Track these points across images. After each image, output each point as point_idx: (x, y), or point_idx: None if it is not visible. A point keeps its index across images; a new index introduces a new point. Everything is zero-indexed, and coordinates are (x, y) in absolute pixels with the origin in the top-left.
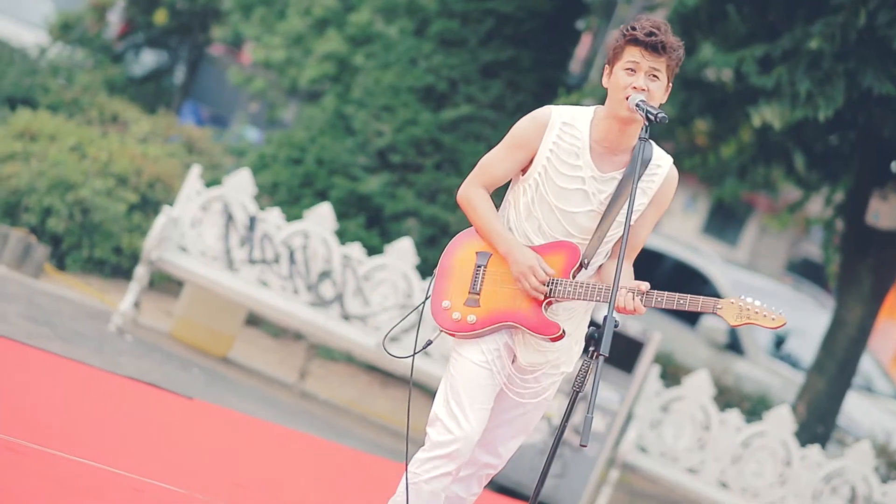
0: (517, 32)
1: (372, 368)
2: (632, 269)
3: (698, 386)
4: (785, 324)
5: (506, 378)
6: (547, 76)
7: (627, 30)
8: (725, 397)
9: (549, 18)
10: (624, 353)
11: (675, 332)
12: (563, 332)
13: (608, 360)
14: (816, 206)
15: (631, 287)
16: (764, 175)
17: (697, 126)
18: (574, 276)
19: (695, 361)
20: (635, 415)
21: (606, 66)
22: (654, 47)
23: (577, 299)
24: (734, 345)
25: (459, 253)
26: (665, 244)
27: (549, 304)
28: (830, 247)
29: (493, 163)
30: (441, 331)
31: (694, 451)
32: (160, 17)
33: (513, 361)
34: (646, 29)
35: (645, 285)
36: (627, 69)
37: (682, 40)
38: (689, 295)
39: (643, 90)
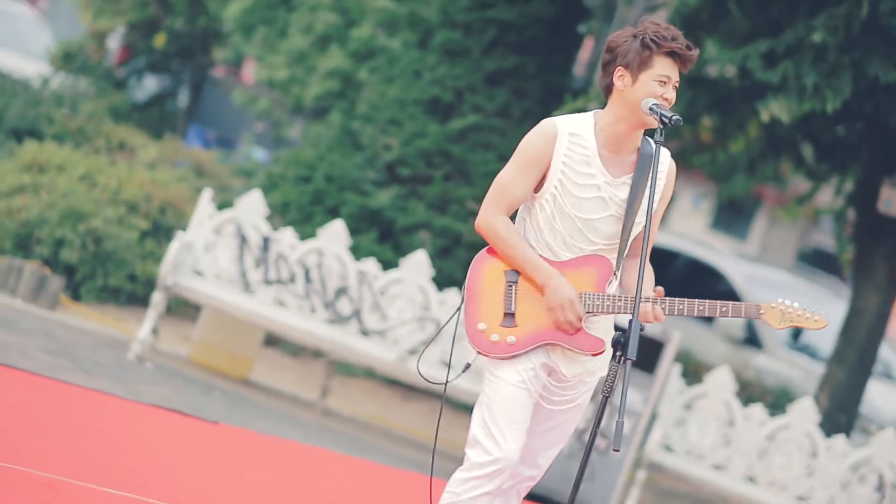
0: (520, 40)
1: (393, 382)
2: (651, 270)
3: (720, 382)
4: (827, 325)
5: (542, 389)
6: (552, 82)
7: (660, 40)
8: (747, 392)
9: (551, 24)
10: (645, 353)
11: (692, 329)
12: (605, 348)
13: (633, 363)
14: (826, 196)
15: (652, 297)
16: (773, 168)
17: (703, 123)
18: (607, 290)
19: (713, 358)
20: (659, 414)
21: (624, 69)
22: (689, 61)
23: (609, 313)
24: (752, 339)
25: (486, 272)
26: (676, 242)
27: (587, 318)
28: (843, 236)
29: (511, 184)
30: (479, 354)
31: (719, 448)
32: (160, 40)
33: (549, 374)
34: (680, 42)
35: (660, 291)
36: (660, 81)
37: (686, 38)
38: (730, 302)
39: (669, 101)
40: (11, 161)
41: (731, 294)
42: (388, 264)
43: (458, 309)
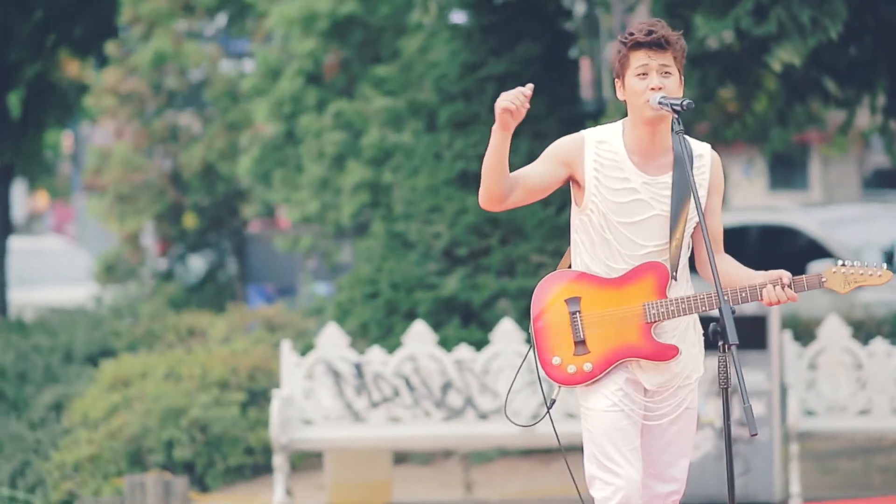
0: (520, 86)
1: (528, 452)
2: (733, 261)
3: (834, 331)
4: (891, 277)
5: (641, 409)
6: (565, 114)
7: (626, 37)
8: (864, 330)
9: (543, 60)
10: (750, 333)
11: None
12: (680, 351)
13: (739, 346)
14: (864, 118)
15: (772, 279)
16: (805, 113)
17: (722, 96)
18: (669, 294)
19: (820, 311)
20: (788, 384)
21: (616, 80)
22: (657, 44)
23: (681, 316)
24: None
25: (547, 306)
26: (739, 217)
27: (655, 327)
28: (894, 148)
29: (527, 167)
30: (560, 388)
31: (857, 394)
32: (189, 221)
33: (643, 393)
34: (644, 29)
35: (787, 275)
36: (639, 74)
37: (674, 23)
38: (793, 278)
39: (660, 88)
40: (95, 386)
41: (811, 245)
42: (480, 343)
43: (530, 349)
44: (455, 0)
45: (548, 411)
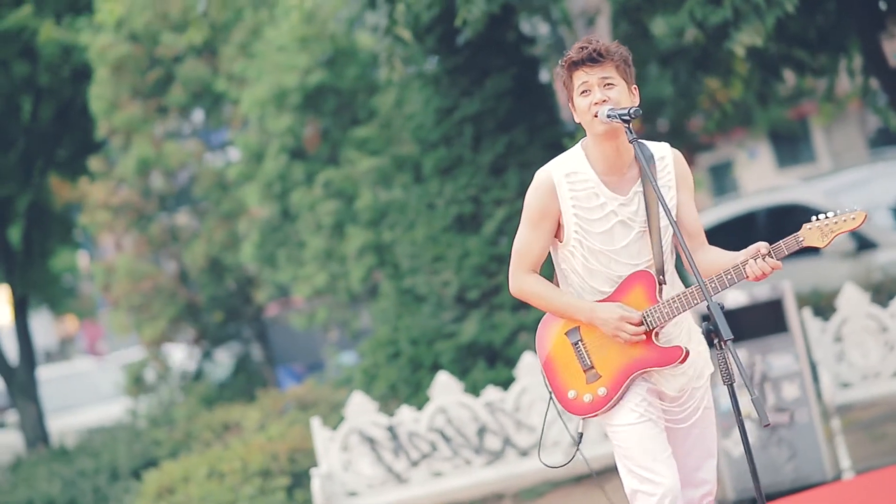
0: (497, 121)
1: (577, 479)
2: (718, 249)
3: (852, 299)
4: (866, 215)
5: (664, 415)
6: (546, 138)
7: (562, 60)
8: (885, 291)
9: (515, 91)
10: (770, 318)
11: (802, 268)
12: (687, 350)
13: (765, 333)
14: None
15: (751, 254)
16: (787, 87)
17: (709, 87)
18: (661, 297)
19: (839, 281)
20: (817, 361)
21: (569, 103)
22: (591, 59)
23: (676, 315)
24: (863, 243)
25: (551, 344)
26: (746, 203)
27: (657, 334)
28: (881, 108)
29: (527, 245)
30: (583, 419)
31: (888, 357)
32: (217, 317)
33: (662, 398)
34: (576, 48)
35: (764, 245)
36: (582, 93)
37: (633, 29)
38: (770, 246)
39: (604, 101)
40: (142, 499)
41: None
42: (510, 381)
43: (549, 392)
44: (417, 51)
45: (577, 448)
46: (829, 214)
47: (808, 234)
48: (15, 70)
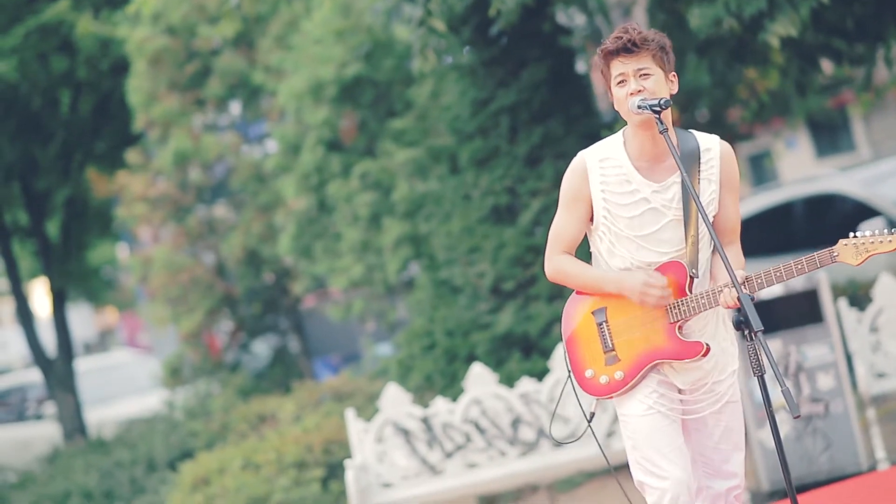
0: (532, 112)
1: (613, 469)
2: (740, 252)
3: (889, 290)
4: None
5: (678, 406)
6: (583, 129)
7: (599, 50)
8: None
9: (551, 81)
10: (805, 308)
11: None
12: (708, 346)
13: (800, 324)
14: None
15: (728, 283)
16: (825, 77)
17: (746, 77)
18: (691, 291)
19: (875, 269)
20: (853, 352)
21: (608, 91)
22: (626, 49)
23: (703, 311)
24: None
25: (576, 321)
26: (783, 193)
27: (680, 326)
28: None
29: (561, 227)
30: (597, 399)
31: None
32: (256, 308)
33: (678, 391)
34: (612, 38)
35: (742, 276)
36: (619, 83)
37: (669, 18)
38: (802, 258)
39: (639, 91)
40: (178, 490)
41: (858, 207)
42: (544, 373)
43: (568, 372)
44: (453, 42)
45: (588, 424)
46: (868, 233)
47: (843, 250)
48: (54, 64)
